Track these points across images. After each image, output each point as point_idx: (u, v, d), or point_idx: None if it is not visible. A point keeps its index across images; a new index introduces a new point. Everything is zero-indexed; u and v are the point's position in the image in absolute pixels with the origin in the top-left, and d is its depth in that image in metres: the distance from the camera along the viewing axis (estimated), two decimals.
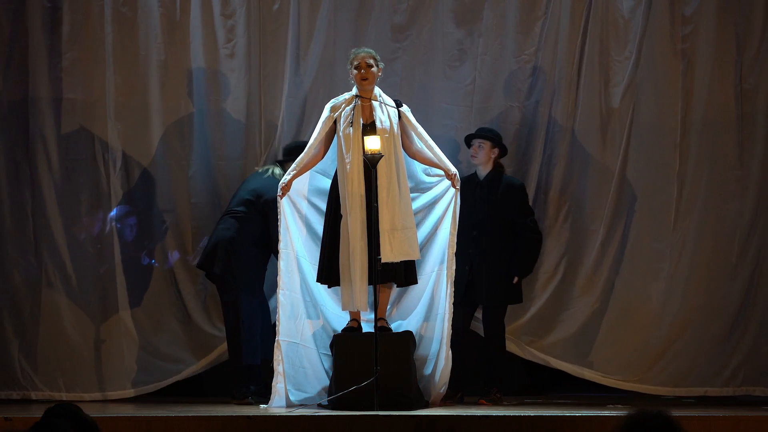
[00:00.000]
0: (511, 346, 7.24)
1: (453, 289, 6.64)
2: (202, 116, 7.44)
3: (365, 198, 6.50)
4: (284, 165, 6.96)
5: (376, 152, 6.36)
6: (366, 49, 6.78)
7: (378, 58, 6.74)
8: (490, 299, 6.94)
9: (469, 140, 7.05)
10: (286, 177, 6.69)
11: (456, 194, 6.69)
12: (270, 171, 7.10)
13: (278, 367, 6.61)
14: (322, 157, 6.78)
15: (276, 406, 6.55)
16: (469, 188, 6.92)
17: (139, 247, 7.49)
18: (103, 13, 7.38)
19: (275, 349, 6.62)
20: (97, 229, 7.43)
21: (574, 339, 7.34)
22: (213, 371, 7.49)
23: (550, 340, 7.35)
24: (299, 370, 6.71)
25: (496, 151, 6.99)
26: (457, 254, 6.68)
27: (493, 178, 6.98)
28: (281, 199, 6.65)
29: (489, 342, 7.02)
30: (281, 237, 6.65)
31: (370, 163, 6.37)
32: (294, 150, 6.96)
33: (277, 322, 6.64)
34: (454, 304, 6.65)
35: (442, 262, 6.70)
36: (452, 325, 6.67)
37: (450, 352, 6.62)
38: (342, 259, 6.59)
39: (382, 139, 6.52)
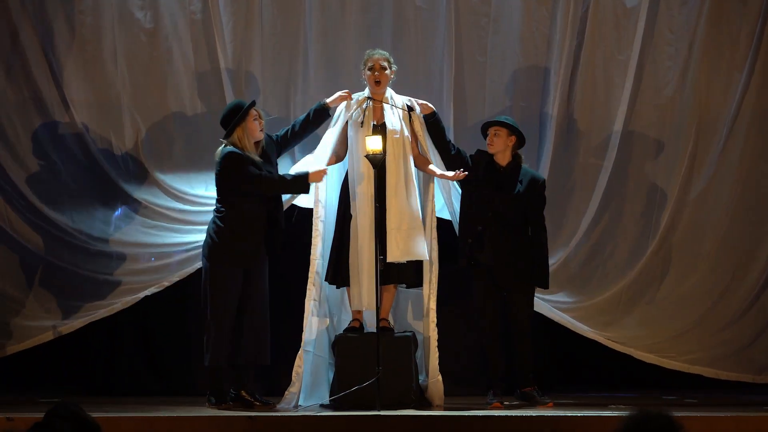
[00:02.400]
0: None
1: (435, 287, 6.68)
2: (210, 116, 7.44)
3: (374, 198, 6.51)
4: (229, 138, 6.60)
5: (378, 152, 6.37)
6: (381, 51, 6.79)
7: (392, 60, 6.76)
8: (512, 284, 6.76)
9: (485, 129, 6.88)
10: (318, 168, 6.65)
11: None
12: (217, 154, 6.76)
13: (299, 375, 6.61)
14: (344, 158, 6.79)
15: (284, 406, 6.55)
16: (490, 170, 6.80)
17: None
18: (111, 13, 7.38)
19: (298, 358, 6.62)
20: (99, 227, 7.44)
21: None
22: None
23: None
24: (310, 377, 6.73)
25: (512, 138, 6.78)
26: (465, 230, 6.74)
27: (513, 168, 6.80)
28: (317, 182, 6.65)
29: (513, 331, 6.79)
30: (316, 249, 6.69)
31: (372, 163, 6.38)
32: (226, 118, 6.63)
33: (303, 331, 6.66)
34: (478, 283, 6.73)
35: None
36: (482, 310, 6.71)
37: (439, 376, 6.62)
38: (352, 258, 6.61)
39: (391, 140, 6.57)
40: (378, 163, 6.39)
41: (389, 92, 6.79)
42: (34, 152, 7.40)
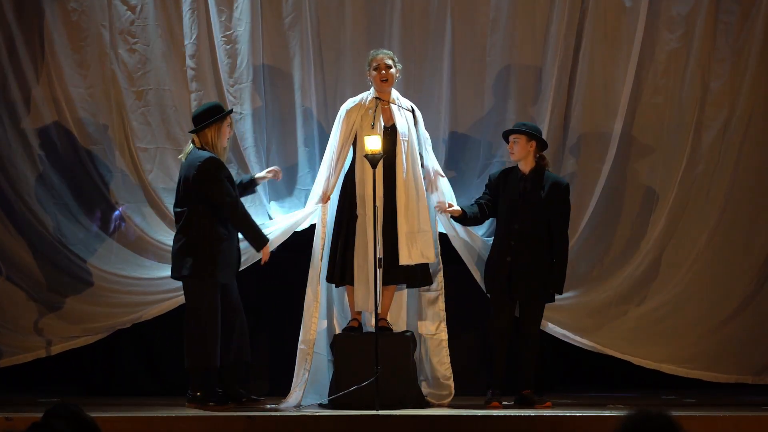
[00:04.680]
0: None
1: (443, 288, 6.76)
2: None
3: (383, 199, 6.51)
4: (200, 135, 6.54)
5: (377, 152, 6.37)
6: (385, 51, 6.80)
7: (396, 59, 6.77)
8: (528, 296, 6.78)
9: (505, 137, 6.90)
10: (325, 190, 6.68)
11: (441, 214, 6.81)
12: (183, 155, 6.64)
13: (304, 375, 6.61)
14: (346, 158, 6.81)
15: (285, 406, 6.54)
16: (512, 181, 6.81)
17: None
18: (104, 8, 7.37)
19: (304, 357, 6.62)
20: (99, 225, 7.40)
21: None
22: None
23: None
24: (313, 375, 6.74)
25: (533, 144, 6.78)
26: (497, 246, 6.75)
27: (537, 174, 6.81)
28: (322, 204, 6.69)
29: (521, 340, 6.81)
30: (315, 247, 6.70)
31: (371, 163, 6.38)
32: (203, 114, 6.56)
33: (309, 330, 6.66)
34: (495, 297, 6.76)
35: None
36: (495, 321, 6.72)
37: (447, 354, 6.65)
38: (357, 259, 6.60)
39: (401, 142, 6.58)
40: (376, 162, 6.38)
41: (394, 93, 6.79)
42: (24, 153, 7.37)
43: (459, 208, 6.78)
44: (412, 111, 6.80)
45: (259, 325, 7.58)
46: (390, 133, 6.65)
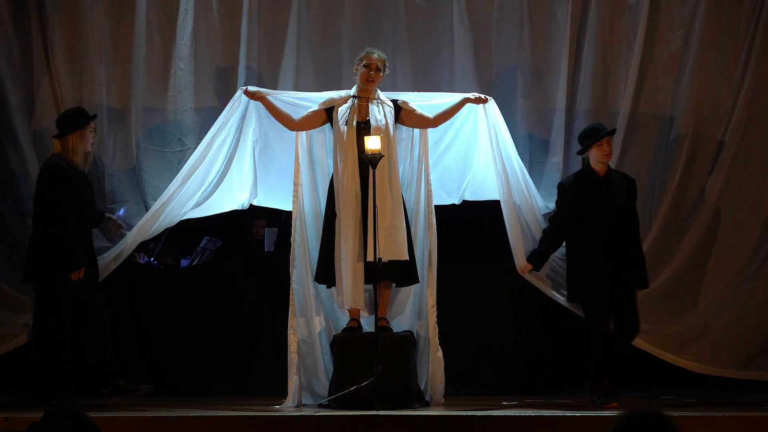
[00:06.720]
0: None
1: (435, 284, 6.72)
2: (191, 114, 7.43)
3: (360, 195, 6.51)
4: (61, 140, 6.66)
5: (377, 152, 6.37)
6: (380, 53, 6.81)
7: (387, 65, 6.77)
8: (628, 296, 6.79)
9: (597, 136, 6.83)
10: (260, 90, 6.81)
11: (488, 110, 6.83)
12: None
13: (294, 377, 6.63)
14: (291, 128, 6.84)
15: (289, 406, 6.55)
16: (591, 184, 6.81)
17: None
18: (94, 9, 7.38)
19: (291, 360, 6.64)
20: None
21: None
22: (215, 370, 7.50)
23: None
24: (309, 368, 6.75)
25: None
26: (588, 252, 6.72)
27: (610, 173, 6.87)
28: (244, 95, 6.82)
29: (627, 332, 6.78)
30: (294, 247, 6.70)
31: (371, 163, 6.38)
32: (66, 120, 6.69)
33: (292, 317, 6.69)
34: (591, 303, 6.73)
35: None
36: (595, 320, 6.69)
37: (439, 351, 6.63)
38: (337, 256, 6.59)
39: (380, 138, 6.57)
40: (376, 162, 6.38)
41: (378, 93, 6.80)
42: (20, 154, 7.36)
43: (530, 265, 6.85)
44: (396, 105, 6.79)
45: (260, 325, 7.59)
46: (364, 129, 6.65)
